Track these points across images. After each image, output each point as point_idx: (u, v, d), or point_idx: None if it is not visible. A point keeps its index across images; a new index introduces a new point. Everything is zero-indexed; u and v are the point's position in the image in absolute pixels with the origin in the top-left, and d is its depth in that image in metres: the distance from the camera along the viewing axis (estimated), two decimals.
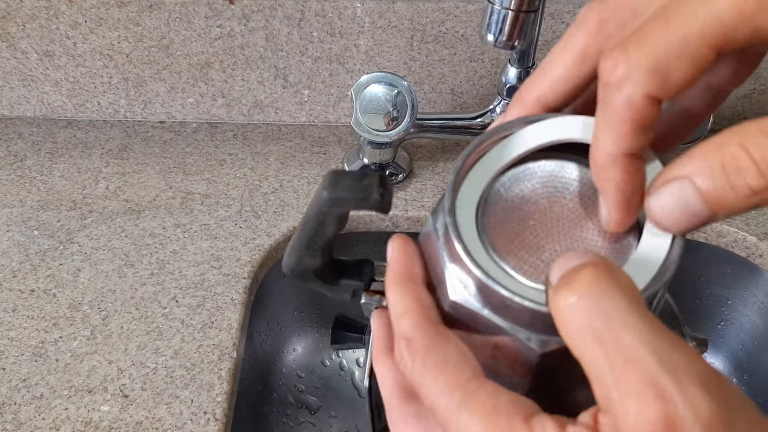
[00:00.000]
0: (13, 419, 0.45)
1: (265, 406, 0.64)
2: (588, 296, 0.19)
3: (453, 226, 0.23)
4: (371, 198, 0.24)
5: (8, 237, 0.58)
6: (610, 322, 0.19)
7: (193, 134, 0.71)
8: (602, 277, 0.20)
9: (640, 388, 0.18)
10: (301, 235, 0.26)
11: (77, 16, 0.65)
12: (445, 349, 0.23)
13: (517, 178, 0.25)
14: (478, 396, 0.21)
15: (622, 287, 0.19)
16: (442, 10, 0.65)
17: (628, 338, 0.18)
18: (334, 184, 0.24)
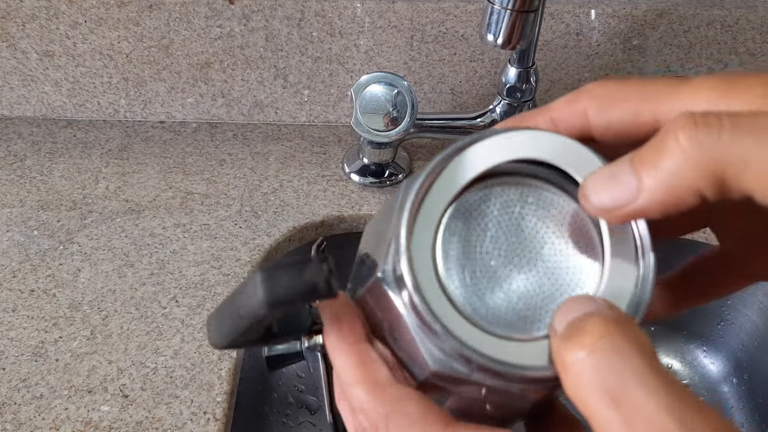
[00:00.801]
0: (13, 419, 0.45)
1: (265, 406, 0.64)
2: (599, 352, 0.18)
3: (422, 302, 0.21)
4: (318, 290, 0.21)
5: (8, 237, 0.58)
6: (625, 382, 0.18)
7: (193, 134, 0.71)
8: (612, 330, 0.19)
9: None
10: (231, 326, 0.23)
11: (77, 16, 0.65)
12: (405, 411, 0.22)
13: (470, 208, 0.23)
14: None
15: (633, 341, 0.19)
16: (442, 10, 0.65)
17: (647, 402, 0.18)
18: (270, 284, 0.21)
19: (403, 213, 0.21)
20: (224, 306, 0.24)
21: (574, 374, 0.19)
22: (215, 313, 0.25)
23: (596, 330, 0.19)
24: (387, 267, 0.22)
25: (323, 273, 0.21)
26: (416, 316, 0.21)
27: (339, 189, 0.65)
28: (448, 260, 0.22)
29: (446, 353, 0.21)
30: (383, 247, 0.23)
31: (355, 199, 0.64)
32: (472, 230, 0.22)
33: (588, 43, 0.68)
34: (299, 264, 0.21)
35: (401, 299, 0.22)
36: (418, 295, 0.21)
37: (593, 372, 0.18)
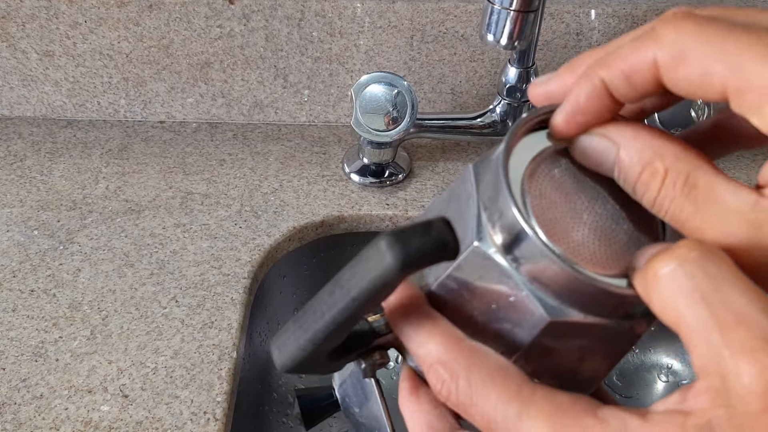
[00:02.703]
0: (13, 419, 0.45)
1: (265, 406, 0.64)
2: (690, 261, 0.19)
3: (544, 245, 0.22)
4: (448, 247, 0.21)
5: (8, 237, 0.58)
6: (717, 284, 0.18)
7: (193, 134, 0.71)
8: (702, 246, 0.19)
9: (753, 345, 0.17)
10: (332, 321, 0.22)
11: (77, 16, 0.65)
12: (485, 362, 0.22)
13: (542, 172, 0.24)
14: (535, 401, 0.21)
15: (723, 257, 0.19)
16: (442, 10, 0.65)
17: (737, 299, 0.18)
18: (400, 245, 0.20)
19: (500, 177, 0.22)
20: (314, 306, 0.23)
21: (664, 282, 0.19)
22: (289, 324, 0.24)
23: (686, 245, 0.19)
24: (483, 235, 0.23)
25: (451, 231, 0.21)
26: (531, 269, 0.22)
27: (339, 189, 0.65)
28: (539, 217, 0.23)
29: (563, 298, 0.22)
30: (465, 223, 0.24)
31: (355, 199, 0.64)
32: (550, 192, 0.24)
33: (588, 43, 0.68)
34: (423, 225, 0.21)
35: (508, 260, 0.23)
36: (541, 242, 0.22)
37: (685, 277, 0.19)
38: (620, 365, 0.72)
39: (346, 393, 0.33)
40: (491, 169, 0.23)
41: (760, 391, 0.17)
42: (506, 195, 0.22)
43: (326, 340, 0.23)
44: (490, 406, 0.21)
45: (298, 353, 0.23)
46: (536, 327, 0.23)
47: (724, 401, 0.18)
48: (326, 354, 0.24)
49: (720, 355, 0.18)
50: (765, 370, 0.17)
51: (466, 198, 0.24)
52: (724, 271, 0.19)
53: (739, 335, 0.17)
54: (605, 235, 0.23)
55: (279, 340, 0.24)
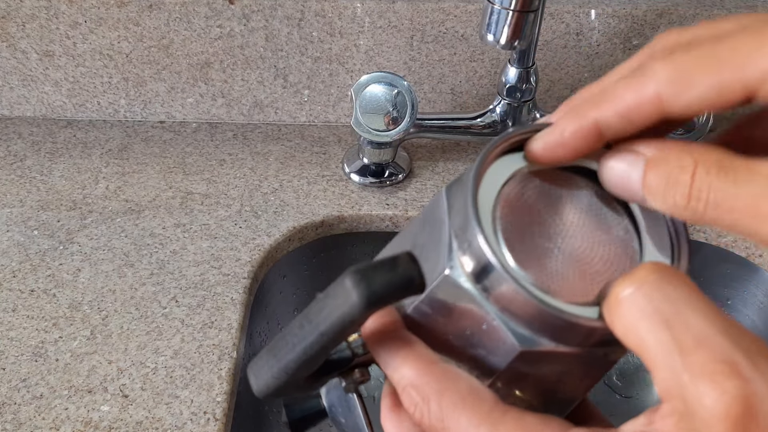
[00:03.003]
0: (13, 419, 0.45)
1: (265, 406, 0.64)
2: (650, 283, 0.19)
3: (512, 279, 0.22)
4: (414, 283, 0.21)
5: (8, 237, 0.58)
6: (677, 307, 0.18)
7: (193, 134, 0.71)
8: (662, 269, 0.19)
9: (714, 368, 0.17)
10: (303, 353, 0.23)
11: (77, 16, 0.65)
12: (457, 386, 0.22)
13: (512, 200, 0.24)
14: (505, 423, 0.21)
15: (683, 279, 0.19)
16: (442, 10, 0.65)
17: (698, 321, 0.18)
18: (366, 283, 0.20)
19: (468, 207, 0.22)
20: (285, 337, 0.23)
21: (625, 306, 0.19)
22: (264, 353, 0.24)
23: (645, 269, 0.19)
24: (454, 263, 0.23)
25: (416, 266, 0.21)
26: (500, 300, 0.22)
27: (339, 189, 0.65)
28: (510, 244, 0.23)
29: (534, 328, 0.22)
30: (438, 250, 0.23)
31: (355, 199, 0.64)
32: (522, 218, 0.24)
33: (588, 43, 0.68)
34: (388, 262, 0.21)
35: (478, 289, 0.22)
36: (508, 274, 0.22)
37: (645, 300, 0.19)
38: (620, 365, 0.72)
39: (332, 402, 0.33)
40: (462, 194, 0.23)
41: (722, 415, 0.17)
42: (474, 226, 0.22)
43: (299, 370, 0.23)
44: (460, 428, 0.21)
45: (272, 381, 0.24)
46: (508, 355, 0.23)
47: (688, 424, 0.18)
48: (303, 379, 0.24)
49: (681, 379, 0.18)
50: (725, 393, 0.17)
51: (439, 223, 0.24)
52: (684, 293, 0.19)
53: (700, 358, 0.17)
54: (580, 263, 0.23)
55: (254, 367, 0.25)
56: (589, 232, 0.24)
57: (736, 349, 0.17)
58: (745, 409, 0.17)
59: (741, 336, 0.18)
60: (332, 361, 0.26)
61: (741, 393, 0.17)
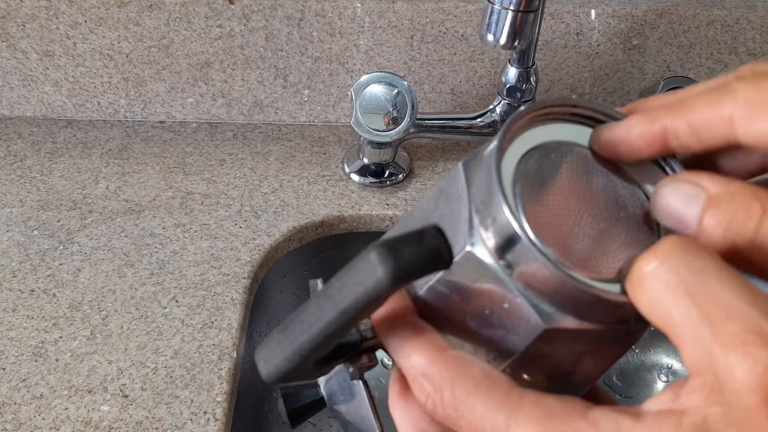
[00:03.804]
0: (13, 419, 0.45)
1: (265, 406, 0.64)
2: (674, 256, 0.18)
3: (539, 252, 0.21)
4: (442, 257, 0.20)
5: (8, 237, 0.58)
6: (703, 279, 0.18)
7: (193, 134, 0.71)
8: (685, 242, 0.19)
9: (744, 338, 0.17)
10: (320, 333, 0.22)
11: (77, 16, 0.65)
12: (470, 372, 0.22)
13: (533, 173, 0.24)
14: (523, 407, 0.20)
15: (707, 250, 0.19)
16: (442, 10, 0.65)
17: (725, 292, 0.17)
18: (393, 257, 0.19)
19: (493, 181, 0.22)
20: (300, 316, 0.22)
21: (649, 280, 0.19)
22: (275, 334, 0.23)
23: (668, 242, 0.19)
24: (475, 239, 0.22)
25: (444, 240, 0.20)
26: (525, 275, 0.22)
27: (339, 189, 0.65)
28: (532, 220, 0.22)
29: (558, 305, 0.22)
30: (456, 227, 0.23)
31: (355, 199, 0.64)
32: (542, 194, 0.23)
33: (588, 43, 0.68)
34: (415, 235, 0.20)
35: (501, 265, 0.22)
36: (535, 247, 0.21)
37: (669, 273, 0.18)
38: (620, 365, 0.72)
39: (332, 391, 0.32)
40: (483, 170, 0.23)
41: (755, 386, 0.17)
42: (499, 199, 0.21)
43: (313, 352, 0.22)
44: (477, 416, 0.21)
45: (284, 364, 0.23)
46: (531, 334, 0.22)
47: (719, 398, 0.18)
48: (313, 363, 0.24)
49: (711, 351, 0.17)
50: (757, 364, 0.17)
51: (456, 198, 0.23)
52: (709, 265, 0.18)
53: (729, 329, 0.17)
54: (603, 239, 0.23)
55: (264, 351, 0.24)
56: (608, 209, 0.23)
57: (766, 319, 0.17)
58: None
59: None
60: (342, 345, 0.25)
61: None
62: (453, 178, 0.24)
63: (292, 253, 0.62)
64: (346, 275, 0.21)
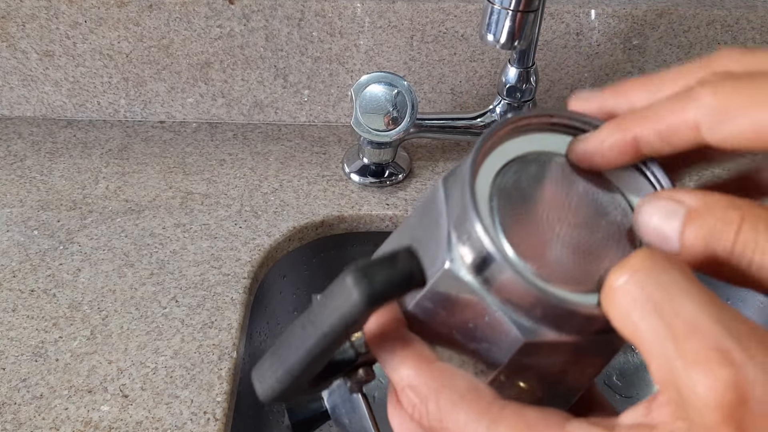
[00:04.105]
0: (13, 419, 0.45)
1: (265, 406, 0.64)
2: (643, 271, 0.19)
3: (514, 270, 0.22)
4: (414, 279, 0.21)
5: (8, 237, 0.58)
6: (670, 294, 0.18)
7: (193, 134, 0.71)
8: (656, 255, 0.19)
9: (706, 355, 0.17)
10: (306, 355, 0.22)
11: (77, 16, 0.65)
12: (454, 384, 0.22)
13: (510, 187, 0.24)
14: (504, 418, 0.21)
15: (675, 262, 0.19)
16: (442, 10, 0.65)
17: (690, 308, 0.18)
18: (366, 281, 0.20)
19: (466, 196, 0.22)
20: (287, 339, 0.23)
21: (619, 294, 0.19)
22: (268, 356, 0.24)
23: (638, 256, 0.19)
24: (453, 255, 0.23)
25: (415, 261, 0.21)
26: (501, 291, 0.22)
27: (339, 189, 0.65)
28: (509, 234, 0.23)
29: (536, 319, 0.22)
30: (436, 244, 0.23)
31: (355, 199, 0.64)
32: (519, 208, 0.23)
33: (588, 43, 0.68)
34: (388, 259, 0.21)
35: (479, 281, 0.22)
36: (508, 264, 0.21)
37: (638, 288, 0.18)
38: (620, 365, 0.72)
39: (335, 403, 0.33)
40: (458, 186, 0.23)
41: (716, 403, 0.17)
42: (472, 217, 0.22)
43: (303, 373, 0.23)
44: (459, 426, 0.21)
45: (277, 385, 0.24)
46: (512, 347, 0.23)
47: (683, 413, 0.18)
48: (308, 381, 0.24)
49: (674, 367, 0.17)
50: (718, 381, 0.17)
51: (437, 216, 0.24)
52: (676, 280, 0.18)
53: (692, 345, 0.17)
54: (578, 250, 0.23)
55: (258, 372, 0.24)
56: (588, 218, 0.23)
57: (728, 336, 0.17)
58: (737, 396, 0.17)
59: (734, 322, 0.17)
60: (336, 361, 0.25)
61: (733, 380, 0.17)
62: (433, 194, 0.25)
63: (292, 253, 0.62)
64: (324, 299, 0.22)
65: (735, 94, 0.20)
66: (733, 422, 0.17)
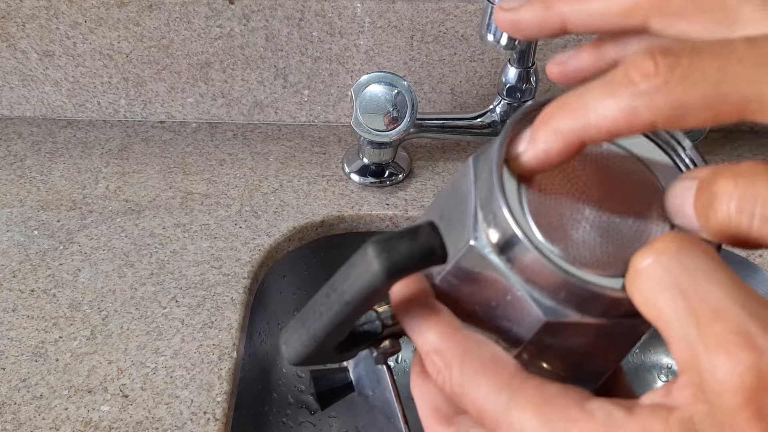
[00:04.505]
0: (13, 419, 0.45)
1: (265, 406, 0.64)
2: (669, 253, 0.19)
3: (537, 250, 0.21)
4: (435, 253, 0.21)
5: (8, 237, 0.58)
6: (695, 278, 0.18)
7: (193, 134, 0.71)
8: (682, 239, 0.19)
9: (729, 339, 0.17)
10: (329, 322, 0.23)
11: (77, 16, 0.65)
12: (479, 352, 0.22)
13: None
14: (525, 391, 0.21)
15: (701, 246, 0.19)
16: (442, 10, 0.65)
17: (715, 292, 0.18)
18: (387, 254, 0.21)
19: (494, 176, 0.22)
20: (313, 306, 0.24)
21: (643, 277, 0.19)
22: (294, 321, 0.24)
23: (665, 239, 0.19)
24: (479, 234, 0.23)
25: (437, 236, 0.21)
26: (525, 270, 0.22)
27: (339, 189, 0.65)
28: (536, 218, 0.23)
29: (559, 299, 0.22)
30: (463, 222, 0.23)
31: (355, 199, 0.64)
32: (547, 188, 0.23)
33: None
34: (410, 232, 0.21)
35: (503, 260, 0.22)
36: (532, 245, 0.21)
37: (663, 271, 0.18)
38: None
39: (360, 375, 0.33)
40: (487, 165, 0.23)
41: (736, 387, 0.17)
42: (499, 198, 0.22)
43: (327, 338, 0.24)
44: (480, 395, 0.21)
45: (302, 350, 0.24)
46: (533, 326, 0.23)
47: (703, 396, 0.18)
48: (333, 347, 0.25)
49: (696, 350, 0.17)
50: (739, 365, 0.17)
51: (465, 193, 0.24)
52: (702, 263, 0.18)
53: (715, 329, 0.17)
54: (607, 234, 0.23)
55: (285, 335, 0.25)
56: (618, 201, 0.23)
57: (752, 321, 0.17)
58: (758, 381, 0.16)
59: (759, 307, 0.17)
60: (362, 332, 0.26)
61: (755, 365, 0.16)
62: (464, 172, 0.25)
63: (292, 253, 0.62)
64: (347, 268, 0.22)
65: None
66: (753, 406, 0.17)
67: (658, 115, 0.19)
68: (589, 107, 0.20)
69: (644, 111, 0.19)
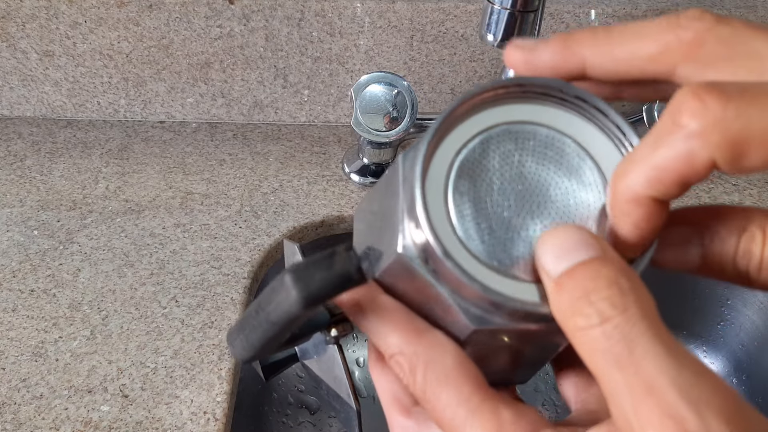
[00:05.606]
0: (13, 419, 0.45)
1: (265, 406, 0.64)
2: (610, 322, 0.18)
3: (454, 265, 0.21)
4: (352, 279, 0.21)
5: (8, 237, 0.58)
6: (632, 350, 0.18)
7: (193, 134, 0.71)
8: (622, 292, 0.19)
9: (659, 421, 0.17)
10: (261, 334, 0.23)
11: (77, 16, 0.65)
12: (443, 361, 0.22)
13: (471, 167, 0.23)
14: (481, 414, 0.21)
15: (645, 312, 0.18)
16: (442, 10, 0.65)
17: (649, 367, 0.18)
18: (303, 283, 0.21)
19: (415, 183, 0.21)
20: (249, 317, 0.24)
21: (584, 338, 0.19)
22: (237, 327, 0.25)
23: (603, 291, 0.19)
24: (407, 242, 0.22)
25: (353, 261, 0.21)
26: (449, 281, 0.22)
27: (339, 189, 0.65)
28: (464, 221, 0.22)
29: (484, 309, 0.22)
30: (394, 224, 0.23)
31: (355, 199, 0.64)
32: (479, 187, 0.22)
33: None
34: (327, 258, 0.21)
35: (427, 269, 0.22)
36: (450, 260, 0.21)
37: (603, 339, 0.18)
38: None
39: (305, 348, 0.34)
40: (413, 168, 0.22)
41: None
42: (418, 205, 0.21)
43: (264, 348, 0.24)
44: (440, 404, 0.22)
45: (245, 353, 0.25)
46: (464, 332, 0.23)
47: None
48: (277, 347, 0.25)
49: (630, 423, 0.18)
50: None
51: (395, 196, 0.23)
52: (641, 332, 0.18)
53: (647, 408, 0.17)
54: (535, 236, 0.22)
55: (230, 337, 0.25)
56: (553, 197, 0.22)
57: (685, 403, 0.17)
58: None
59: (693, 385, 0.17)
60: (310, 323, 0.26)
61: None
62: (394, 171, 0.23)
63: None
64: (271, 291, 0.22)
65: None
66: None
67: (715, 152, 0.18)
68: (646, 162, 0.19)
69: (701, 151, 0.18)
